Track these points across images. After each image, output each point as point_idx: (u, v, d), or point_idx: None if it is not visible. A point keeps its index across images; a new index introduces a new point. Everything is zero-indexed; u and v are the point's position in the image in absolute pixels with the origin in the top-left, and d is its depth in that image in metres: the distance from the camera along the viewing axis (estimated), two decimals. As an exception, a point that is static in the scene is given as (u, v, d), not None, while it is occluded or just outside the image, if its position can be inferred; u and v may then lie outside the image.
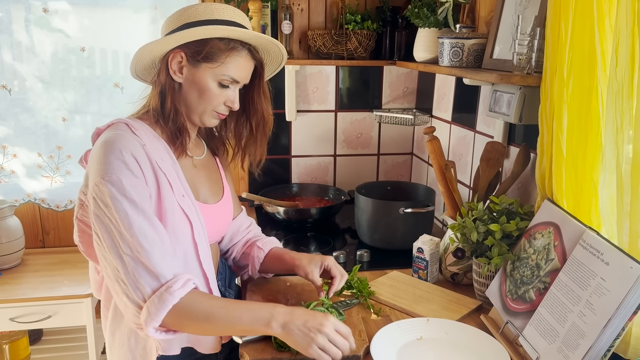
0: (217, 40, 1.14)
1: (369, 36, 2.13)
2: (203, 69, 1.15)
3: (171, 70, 1.15)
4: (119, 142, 1.08)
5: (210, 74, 1.15)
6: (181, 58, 1.15)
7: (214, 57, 1.15)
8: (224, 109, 1.21)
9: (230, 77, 1.17)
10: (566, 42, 1.15)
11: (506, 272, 1.31)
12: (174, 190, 1.14)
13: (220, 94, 1.18)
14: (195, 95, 1.17)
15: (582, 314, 1.03)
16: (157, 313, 1.01)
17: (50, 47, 2.03)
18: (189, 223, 1.15)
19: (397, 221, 1.78)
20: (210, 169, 1.33)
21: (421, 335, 1.26)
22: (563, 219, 1.19)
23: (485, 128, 1.73)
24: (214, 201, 1.30)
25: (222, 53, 1.15)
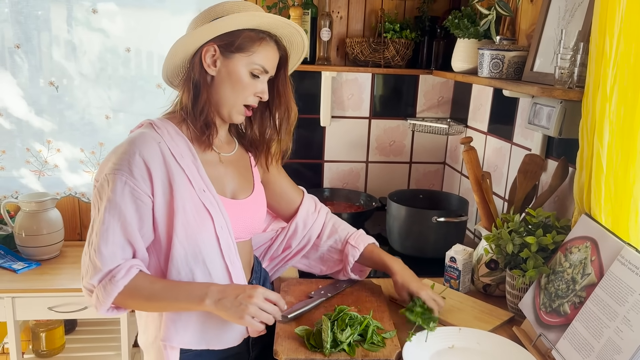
0: (248, 30, 1.18)
1: (407, 45, 2.15)
2: (236, 60, 1.18)
3: (205, 63, 1.18)
4: (133, 143, 1.14)
5: (243, 64, 1.19)
6: (214, 51, 1.18)
7: (246, 47, 1.18)
8: (253, 100, 1.23)
9: (262, 66, 1.20)
10: (610, 58, 1.15)
11: (540, 285, 1.31)
12: (194, 186, 1.17)
13: (252, 84, 1.21)
14: (228, 86, 1.20)
15: (619, 329, 1.03)
16: (105, 300, 1.12)
17: (96, 47, 2.11)
18: (210, 217, 1.19)
19: (429, 230, 1.79)
20: (240, 166, 1.35)
21: (453, 344, 1.27)
22: (601, 234, 1.19)
23: (522, 140, 1.73)
24: (242, 197, 1.31)
25: (253, 42, 1.19)
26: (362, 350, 1.21)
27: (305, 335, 1.24)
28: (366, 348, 1.21)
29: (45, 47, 2.09)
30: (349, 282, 1.57)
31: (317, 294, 1.46)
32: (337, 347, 1.19)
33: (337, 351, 1.19)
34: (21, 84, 2.11)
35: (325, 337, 1.19)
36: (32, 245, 2.09)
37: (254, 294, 1.12)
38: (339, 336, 1.20)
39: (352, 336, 1.21)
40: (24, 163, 2.18)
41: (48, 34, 2.08)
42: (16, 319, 2.00)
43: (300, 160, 2.37)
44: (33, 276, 2.04)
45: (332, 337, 1.20)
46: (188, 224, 1.16)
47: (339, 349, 1.19)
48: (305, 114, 2.31)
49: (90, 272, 1.12)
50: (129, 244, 1.14)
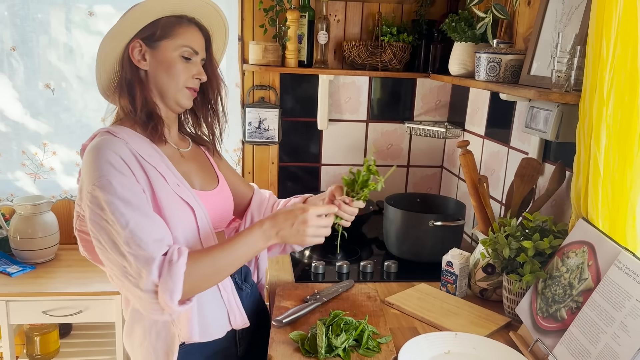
0: (166, 17, 1.19)
1: (404, 48, 2.14)
2: (163, 47, 1.19)
3: (134, 60, 1.18)
4: (103, 146, 1.11)
5: (171, 49, 1.19)
6: (140, 46, 1.18)
7: (169, 32, 1.19)
8: (193, 83, 1.23)
9: (190, 47, 1.20)
10: (607, 61, 1.15)
11: (537, 290, 1.30)
12: (168, 182, 1.17)
13: (186, 67, 1.20)
14: (163, 75, 1.20)
15: (616, 335, 1.02)
16: (175, 288, 1.04)
17: (93, 49, 2.09)
18: (190, 209, 1.19)
19: (426, 234, 1.78)
20: (199, 160, 1.36)
21: (449, 349, 1.26)
22: (598, 239, 1.18)
23: (519, 144, 1.72)
24: (210, 188, 1.32)
25: (174, 26, 1.19)
26: (357, 356, 1.19)
27: (299, 341, 1.23)
28: (361, 353, 1.20)
29: (42, 49, 2.08)
30: (345, 286, 1.56)
31: (312, 298, 1.45)
32: (332, 352, 1.18)
33: (332, 356, 1.18)
34: (17, 86, 2.10)
35: (320, 342, 1.18)
36: (27, 249, 2.08)
37: (307, 218, 1.15)
38: (333, 341, 1.19)
39: (347, 341, 1.20)
40: (19, 166, 2.17)
41: (44, 37, 2.07)
42: (10, 323, 1.99)
43: (297, 164, 2.36)
44: (27, 280, 2.03)
45: (327, 342, 1.19)
46: (172, 217, 1.14)
47: (333, 354, 1.18)
48: (302, 117, 2.31)
49: (145, 271, 1.04)
50: (162, 227, 1.10)
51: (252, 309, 1.38)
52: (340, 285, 1.56)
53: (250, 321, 1.34)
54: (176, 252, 1.07)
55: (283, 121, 2.29)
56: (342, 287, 1.55)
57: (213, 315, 1.24)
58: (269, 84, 2.26)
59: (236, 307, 1.28)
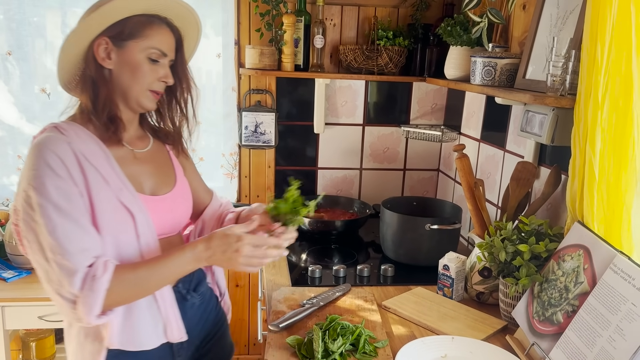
0: (137, 16, 1.15)
1: (400, 52, 2.15)
2: (131, 47, 1.14)
3: (99, 58, 1.13)
4: (44, 145, 1.07)
5: (138, 50, 1.14)
6: (106, 43, 1.13)
7: (138, 33, 1.14)
8: (158, 86, 1.19)
9: (158, 49, 1.16)
10: (602, 65, 1.15)
11: (533, 294, 1.30)
12: (110, 185, 1.12)
13: (152, 69, 1.16)
14: (128, 76, 1.15)
15: (612, 339, 1.02)
16: (94, 303, 1.03)
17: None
18: (130, 215, 1.14)
19: (422, 237, 1.78)
20: (157, 161, 1.30)
21: (446, 353, 1.26)
22: (593, 242, 1.19)
23: (515, 147, 1.73)
24: (163, 192, 1.26)
25: (143, 27, 1.15)
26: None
27: (296, 345, 1.23)
28: (358, 358, 1.20)
29: (38, 53, 2.07)
30: (341, 290, 1.56)
31: (309, 303, 1.45)
32: (328, 357, 1.18)
33: (329, 361, 1.18)
34: (12, 90, 2.09)
35: (317, 347, 1.18)
36: (21, 254, 2.07)
37: (240, 248, 1.11)
38: (330, 346, 1.19)
39: (343, 346, 1.20)
40: (15, 170, 2.16)
41: (40, 41, 2.07)
42: (6, 329, 1.97)
43: (294, 168, 2.36)
44: (23, 285, 2.02)
45: (324, 347, 1.19)
46: (108, 223, 1.10)
47: (330, 358, 1.18)
48: (298, 121, 2.31)
49: (67, 280, 1.03)
50: (90, 236, 1.07)
51: (200, 321, 1.31)
52: (337, 290, 1.55)
53: (196, 334, 1.29)
54: (101, 266, 1.05)
55: (279, 125, 2.29)
56: (339, 291, 1.55)
57: (144, 325, 1.17)
58: (266, 87, 2.26)
59: (173, 318, 1.20)
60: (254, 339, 2.53)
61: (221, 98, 2.20)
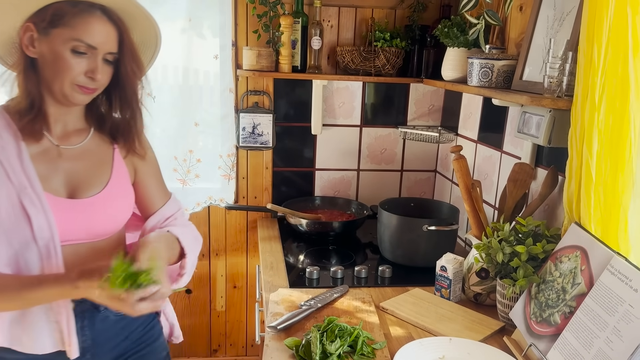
0: (62, 2, 1.05)
1: (397, 54, 2.15)
2: (53, 37, 1.05)
3: (23, 45, 1.07)
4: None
5: (60, 41, 1.05)
6: (31, 30, 1.07)
7: (61, 21, 1.05)
8: (85, 81, 1.09)
9: (83, 41, 1.06)
10: (598, 67, 1.16)
11: (531, 295, 1.30)
12: (12, 181, 1.06)
13: (77, 63, 1.07)
14: (50, 68, 1.07)
15: (609, 340, 1.03)
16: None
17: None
18: (26, 217, 1.06)
19: (420, 238, 1.78)
20: (90, 159, 1.19)
21: (444, 354, 1.26)
22: (590, 244, 1.19)
23: (512, 149, 1.73)
24: (86, 195, 1.15)
25: (67, 15, 1.05)
26: (352, 362, 1.19)
27: (294, 347, 1.23)
28: (356, 359, 1.20)
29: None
30: (339, 292, 1.56)
31: (306, 304, 1.45)
32: (326, 358, 1.18)
33: (327, 363, 1.18)
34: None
35: (314, 348, 1.18)
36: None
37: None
38: (328, 347, 1.19)
39: (341, 348, 1.20)
40: None
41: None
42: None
43: (291, 169, 2.36)
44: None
45: (321, 348, 1.19)
46: (1, 224, 1.05)
47: (328, 360, 1.18)
48: (296, 122, 2.31)
49: None
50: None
51: (114, 337, 1.22)
52: (334, 291, 1.56)
53: (107, 350, 1.20)
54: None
55: (277, 126, 2.29)
56: (337, 292, 1.55)
57: (37, 329, 1.10)
58: (263, 89, 2.26)
59: (66, 330, 1.11)
60: (251, 341, 2.53)
61: (219, 99, 2.19)
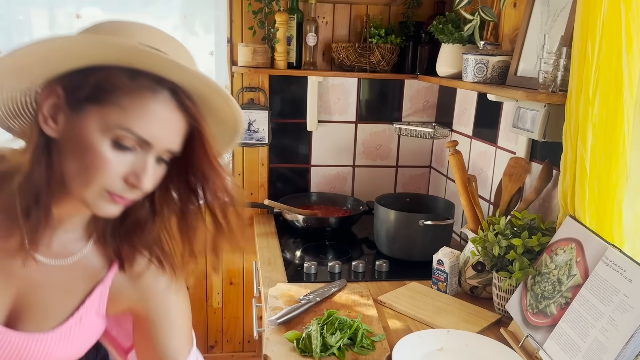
0: (117, 69, 0.72)
1: (392, 50, 2.16)
2: (88, 116, 0.72)
3: (42, 116, 0.74)
4: None
5: (98, 124, 0.72)
6: (57, 97, 0.74)
7: (107, 97, 0.72)
8: (122, 188, 0.75)
9: (134, 132, 0.73)
10: (592, 62, 1.18)
11: (527, 287, 1.32)
12: None
13: (117, 161, 0.73)
14: (74, 158, 0.73)
15: (605, 329, 1.05)
16: None
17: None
18: None
19: (416, 233, 1.80)
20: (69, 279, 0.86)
21: (442, 346, 1.28)
22: (585, 236, 1.21)
23: (507, 143, 1.75)
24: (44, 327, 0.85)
25: (119, 90, 0.72)
26: (352, 354, 1.21)
27: (294, 340, 1.24)
28: (356, 352, 1.22)
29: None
30: (337, 286, 1.57)
31: (305, 299, 1.46)
32: (327, 351, 1.20)
33: (327, 355, 1.20)
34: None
35: (315, 341, 1.19)
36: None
37: None
38: (328, 340, 1.20)
39: (341, 340, 1.22)
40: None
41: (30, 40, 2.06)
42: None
43: (287, 165, 2.37)
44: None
45: (322, 341, 1.20)
46: None
47: (328, 353, 1.20)
48: (291, 118, 2.32)
49: None
50: None
51: None
52: (332, 285, 1.57)
53: None
54: None
55: (273, 123, 2.30)
56: (335, 287, 1.56)
57: None
58: (258, 85, 2.26)
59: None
60: (248, 337, 2.54)
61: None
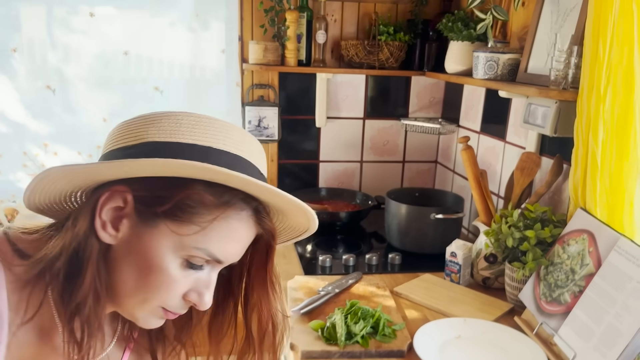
0: (203, 184, 0.68)
1: (401, 47, 2.20)
2: (160, 231, 0.67)
3: (99, 220, 0.68)
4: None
5: (170, 242, 0.68)
6: (123, 203, 0.68)
7: (190, 216, 0.67)
8: (179, 306, 0.72)
9: (212, 255, 0.70)
10: (604, 60, 1.23)
11: (540, 277, 1.38)
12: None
13: (183, 279, 0.70)
14: (132, 273, 0.69)
15: (619, 314, 1.10)
16: None
17: (94, 50, 2.11)
18: None
19: (427, 226, 1.85)
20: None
21: (460, 334, 1.33)
22: (597, 227, 1.26)
23: (516, 139, 1.80)
24: None
25: (206, 211, 0.68)
26: (375, 342, 1.26)
27: (319, 329, 1.28)
28: (378, 340, 1.27)
29: (42, 51, 2.09)
30: (353, 278, 1.62)
31: (324, 290, 1.50)
32: (351, 339, 1.24)
33: (352, 343, 1.24)
34: (18, 87, 2.10)
35: (340, 330, 1.24)
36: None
37: None
38: (352, 328, 1.25)
39: (365, 328, 1.26)
40: (20, 167, 2.18)
41: (45, 38, 2.08)
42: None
43: (296, 161, 2.41)
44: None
45: (346, 329, 1.25)
46: None
47: (352, 341, 1.24)
48: (300, 115, 2.36)
49: None
50: None
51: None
52: (349, 277, 1.62)
53: None
54: None
55: (282, 119, 2.34)
56: (351, 278, 1.61)
57: None
58: (268, 82, 2.30)
59: None
60: (258, 329, 2.59)
61: (225, 93, 2.24)
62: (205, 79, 2.23)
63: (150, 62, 2.18)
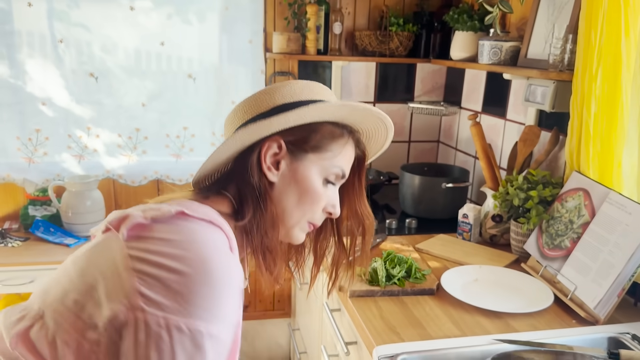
0: (331, 125, 0.92)
1: (409, 37, 2.45)
2: (308, 162, 0.90)
3: (264, 165, 0.87)
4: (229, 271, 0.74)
5: (317, 168, 0.91)
6: (278, 148, 0.89)
7: (325, 146, 0.91)
8: (320, 218, 0.95)
9: (343, 170, 0.94)
10: (595, 46, 1.48)
11: (542, 229, 1.64)
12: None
13: (324, 194, 0.92)
14: (293, 198, 0.90)
15: (611, 251, 1.37)
16: None
17: (133, 41, 2.31)
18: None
19: (439, 195, 2.11)
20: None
21: (477, 277, 1.59)
22: (591, 185, 1.53)
23: (515, 116, 2.06)
24: None
25: (336, 140, 0.92)
26: (409, 283, 1.51)
27: (362, 274, 1.53)
28: (412, 281, 1.52)
29: (86, 41, 2.28)
30: (380, 237, 1.86)
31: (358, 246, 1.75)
32: (389, 280, 1.49)
33: (390, 284, 1.49)
34: (64, 75, 2.29)
35: (381, 272, 1.49)
36: (79, 223, 2.30)
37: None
38: (391, 272, 1.50)
39: (401, 272, 1.51)
40: (65, 148, 2.37)
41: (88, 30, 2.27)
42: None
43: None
44: (81, 250, 2.24)
45: (386, 273, 1.50)
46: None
47: (391, 282, 1.49)
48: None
49: None
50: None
51: None
52: (377, 237, 1.86)
53: None
54: None
55: (301, 103, 2.56)
56: (379, 238, 1.86)
57: None
58: (289, 70, 2.53)
59: None
60: (278, 297, 2.82)
61: (251, 80, 2.46)
62: (233, 67, 2.44)
63: (183, 51, 2.39)
